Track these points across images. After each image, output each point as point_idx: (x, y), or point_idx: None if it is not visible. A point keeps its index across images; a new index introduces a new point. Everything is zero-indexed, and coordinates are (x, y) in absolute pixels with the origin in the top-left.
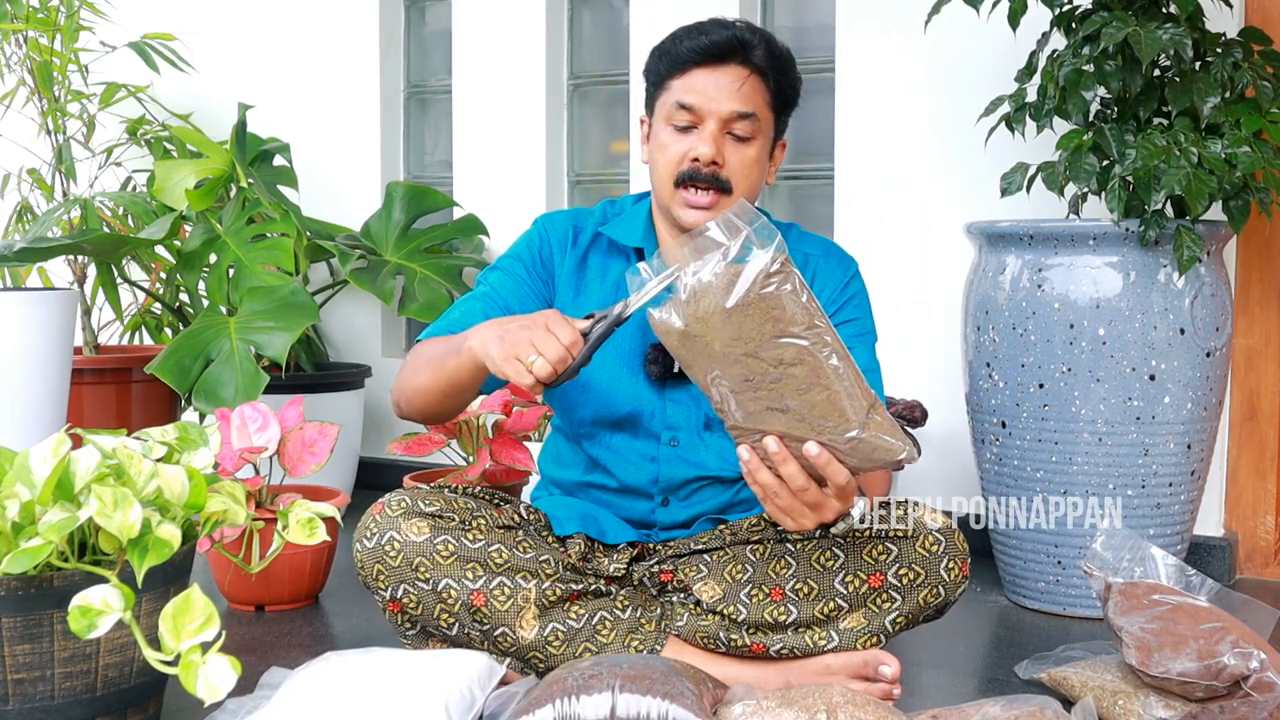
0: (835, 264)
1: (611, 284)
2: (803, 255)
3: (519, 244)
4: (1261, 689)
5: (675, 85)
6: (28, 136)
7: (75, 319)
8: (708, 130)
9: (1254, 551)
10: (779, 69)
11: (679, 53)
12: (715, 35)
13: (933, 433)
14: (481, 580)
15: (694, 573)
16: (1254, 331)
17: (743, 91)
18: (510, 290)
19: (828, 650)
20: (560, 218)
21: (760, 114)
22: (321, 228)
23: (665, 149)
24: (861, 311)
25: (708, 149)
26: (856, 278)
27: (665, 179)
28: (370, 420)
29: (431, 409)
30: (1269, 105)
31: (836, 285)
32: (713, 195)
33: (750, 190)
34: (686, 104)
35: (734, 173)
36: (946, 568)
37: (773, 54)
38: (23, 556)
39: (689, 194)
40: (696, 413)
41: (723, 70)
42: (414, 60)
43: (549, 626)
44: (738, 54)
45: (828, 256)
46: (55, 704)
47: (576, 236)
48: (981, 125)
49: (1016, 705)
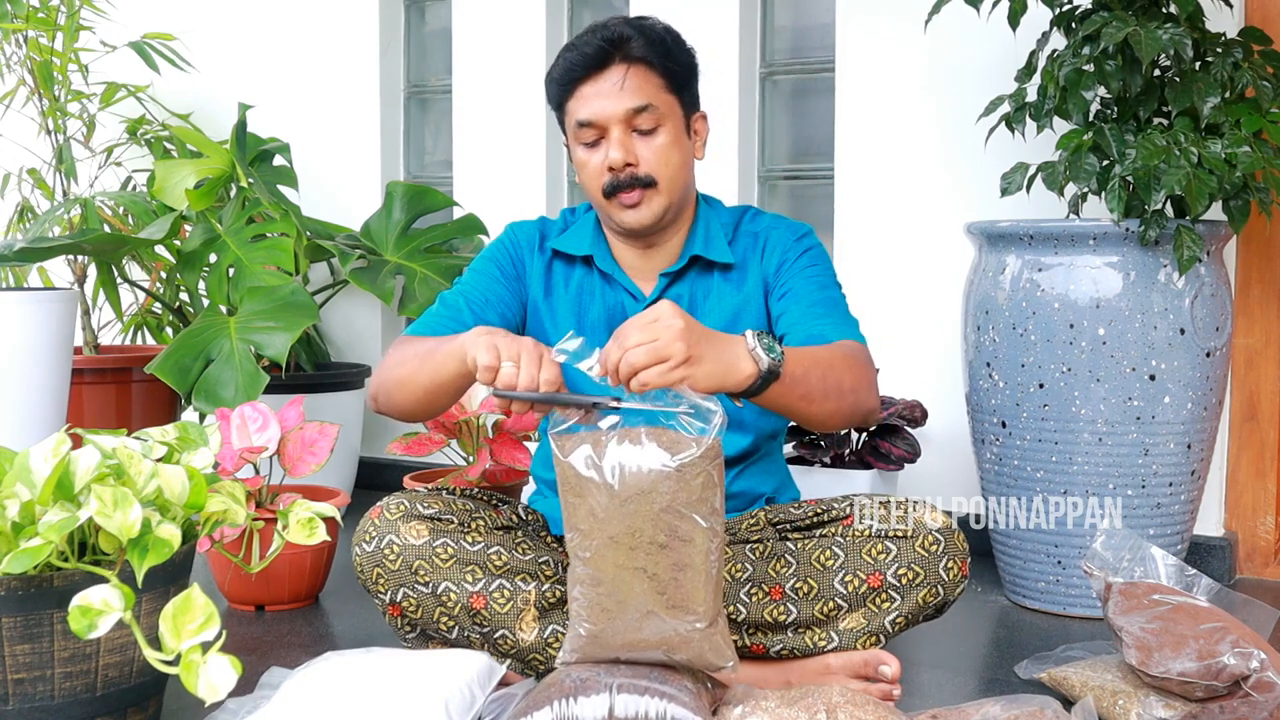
0: (786, 229)
1: (574, 288)
2: (752, 234)
3: (490, 249)
4: (1261, 689)
5: (570, 107)
6: (28, 136)
7: (75, 319)
8: (613, 136)
9: (1254, 551)
10: (661, 52)
11: (561, 74)
12: (586, 46)
13: (933, 433)
14: (481, 583)
15: None
16: (1254, 331)
17: (628, 87)
18: (487, 287)
19: (828, 650)
20: (527, 224)
21: (655, 99)
22: (321, 228)
23: (584, 166)
24: (817, 258)
25: (618, 153)
26: (810, 236)
27: (595, 195)
28: (370, 420)
29: (409, 404)
30: (1269, 105)
31: (787, 244)
32: (638, 192)
33: (676, 176)
34: (584, 120)
35: (651, 166)
36: (946, 567)
37: (650, 40)
38: (23, 556)
39: (620, 198)
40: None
41: (604, 75)
42: (414, 60)
43: (549, 628)
44: (613, 55)
45: (777, 226)
46: (55, 704)
47: (543, 242)
48: (981, 125)
49: (1016, 705)
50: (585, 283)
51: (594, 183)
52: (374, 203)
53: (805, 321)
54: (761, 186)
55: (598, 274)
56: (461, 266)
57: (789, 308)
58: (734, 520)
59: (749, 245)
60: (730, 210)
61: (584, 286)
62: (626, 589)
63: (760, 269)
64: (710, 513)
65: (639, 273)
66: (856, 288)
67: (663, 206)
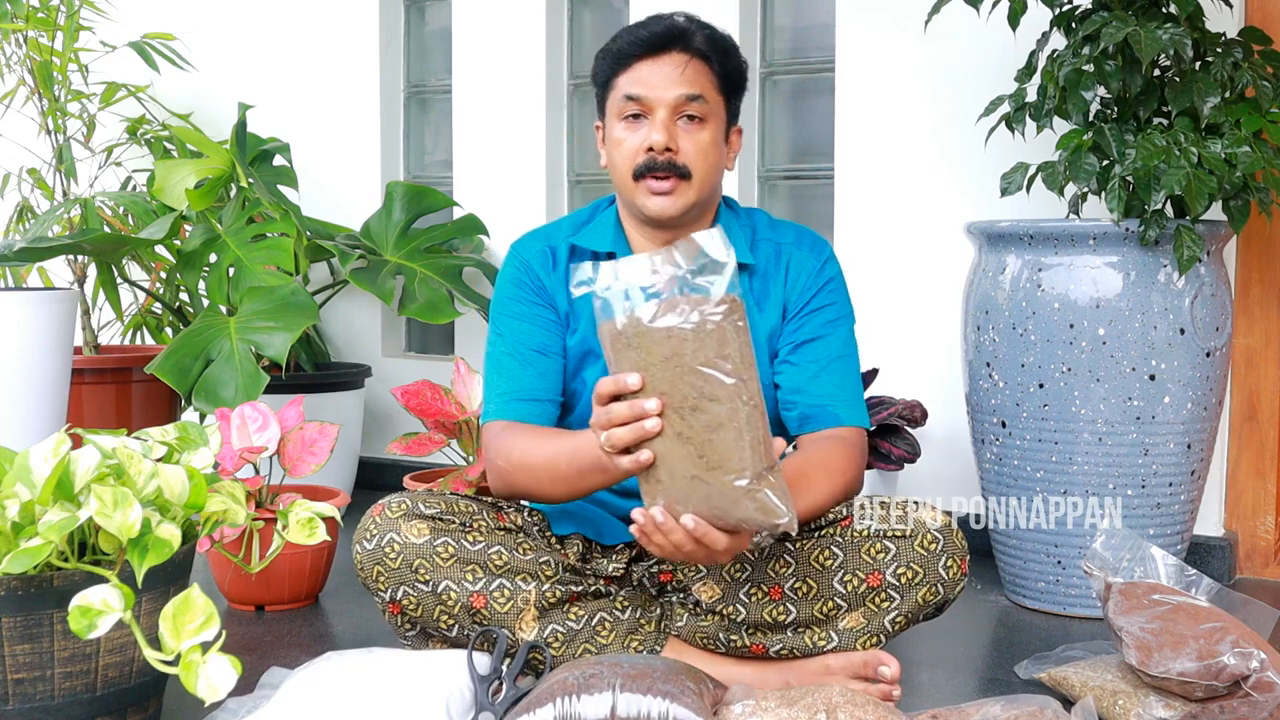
0: (808, 252)
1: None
2: (774, 245)
3: (508, 282)
4: (1261, 689)
5: (621, 81)
6: (28, 136)
7: (75, 319)
8: (658, 118)
9: (1254, 551)
10: (721, 52)
11: (620, 49)
12: (654, 27)
13: (933, 433)
14: (481, 582)
15: (693, 573)
16: (1254, 331)
17: (686, 75)
18: (530, 334)
19: (827, 650)
20: (531, 240)
21: (708, 95)
22: (321, 227)
23: (620, 144)
24: (838, 296)
25: (660, 136)
26: (831, 261)
27: (625, 173)
28: (370, 420)
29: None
30: (1269, 105)
31: (811, 272)
32: (672, 180)
33: (708, 174)
34: (634, 95)
35: (689, 157)
36: (945, 566)
37: (713, 39)
38: (23, 556)
39: (650, 183)
40: None
41: (665, 58)
42: (414, 60)
43: (549, 628)
44: (678, 41)
45: (800, 244)
46: (55, 704)
47: (554, 254)
48: (981, 125)
49: (1016, 705)
50: None
51: (627, 161)
52: (374, 203)
53: (816, 388)
54: (761, 186)
55: None
56: (461, 266)
57: (803, 363)
58: None
59: (770, 257)
60: (746, 213)
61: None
62: (670, 458)
63: (783, 292)
64: (735, 368)
65: None
66: (857, 288)
67: (691, 201)
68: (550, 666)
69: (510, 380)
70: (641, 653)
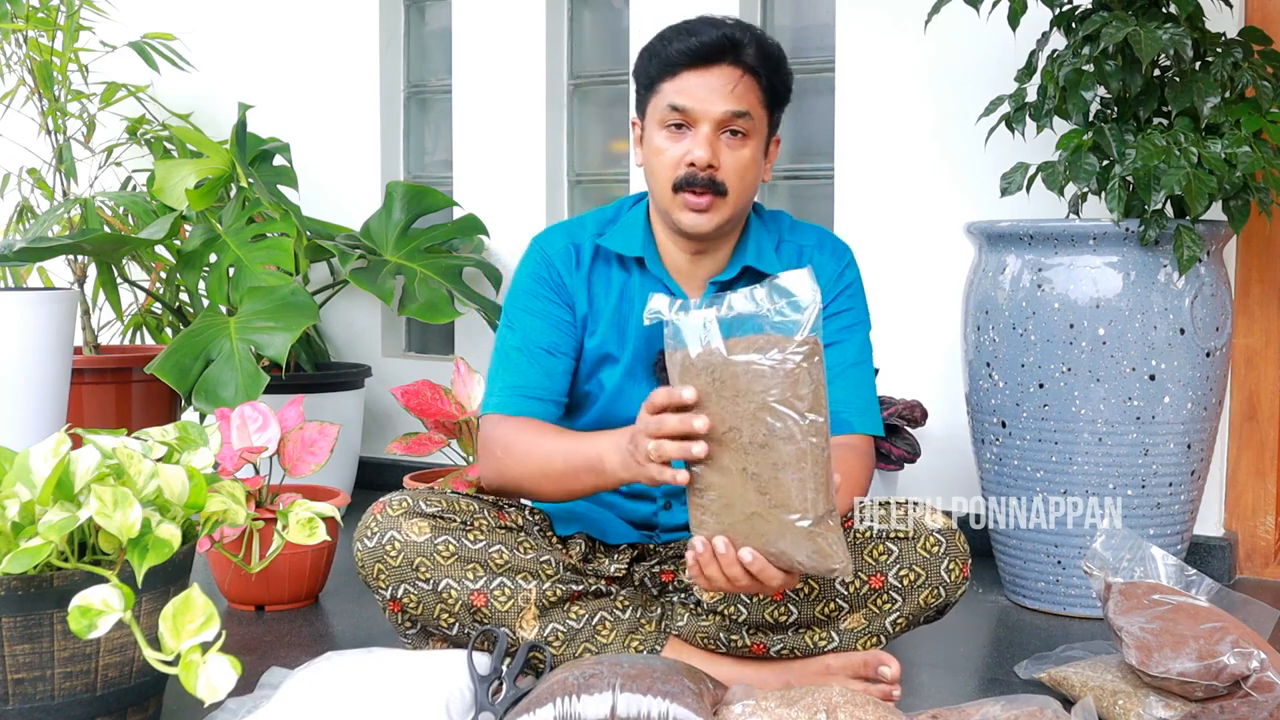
0: (829, 255)
1: (616, 293)
2: (796, 248)
3: (527, 276)
4: (1261, 689)
5: (666, 88)
6: (28, 136)
7: (75, 319)
8: (702, 133)
9: (1254, 551)
10: (771, 67)
11: (669, 55)
12: (705, 35)
13: (933, 433)
14: (482, 581)
15: None
16: (1254, 331)
17: (735, 92)
18: (542, 331)
19: (828, 651)
20: (556, 235)
21: (754, 112)
22: (321, 227)
23: (661, 153)
24: (856, 302)
25: (703, 152)
26: (851, 266)
27: (663, 184)
28: (370, 420)
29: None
30: (1269, 105)
31: (831, 277)
32: (709, 197)
33: (746, 191)
34: (679, 106)
35: (729, 174)
36: (947, 569)
37: (764, 52)
38: (23, 556)
39: (687, 197)
40: None
41: (714, 71)
42: (414, 60)
43: (549, 627)
44: (729, 54)
45: (821, 248)
46: (55, 704)
47: (578, 253)
48: (981, 125)
49: (1016, 705)
50: (627, 287)
51: (667, 172)
52: (374, 203)
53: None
54: (762, 186)
55: (639, 276)
56: (461, 266)
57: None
58: None
59: (793, 260)
60: (771, 216)
61: (625, 292)
62: (732, 492)
63: None
64: (808, 409)
65: (687, 278)
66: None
67: (726, 218)
68: (550, 666)
69: (516, 375)
70: (642, 652)
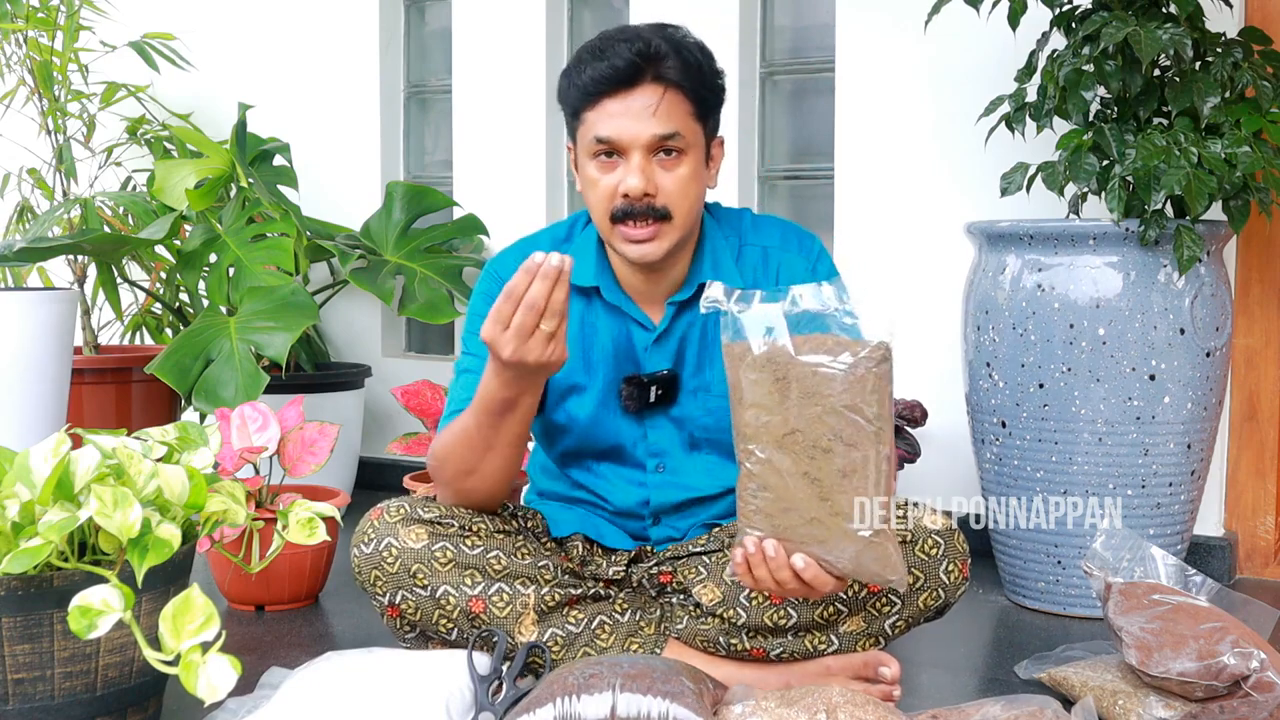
0: (796, 253)
1: (576, 322)
2: (760, 251)
3: (481, 300)
4: (1261, 689)
5: (589, 117)
6: (28, 136)
7: (75, 319)
8: (634, 162)
9: (1254, 551)
10: (695, 76)
11: (584, 83)
12: (618, 57)
13: (933, 433)
14: (480, 587)
15: (693, 575)
16: (1254, 331)
17: (660, 112)
18: None
19: (828, 653)
20: (510, 258)
21: (684, 128)
22: (321, 228)
23: (595, 184)
24: None
25: (637, 181)
26: (822, 257)
27: (601, 216)
28: (370, 420)
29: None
30: (1269, 105)
31: (802, 274)
32: (652, 226)
33: (692, 209)
34: (604, 138)
35: (670, 197)
36: (946, 570)
37: (685, 62)
38: (23, 556)
39: (627, 229)
40: (680, 434)
41: (635, 94)
42: (414, 60)
43: (548, 632)
44: (646, 72)
45: (786, 246)
46: (55, 704)
47: None
48: (981, 125)
49: (1016, 705)
50: (587, 314)
51: (603, 205)
52: (374, 203)
53: None
54: (761, 186)
55: (598, 303)
56: (461, 266)
57: None
58: (732, 525)
59: (758, 264)
60: (729, 218)
61: (586, 318)
62: (791, 495)
63: None
64: (875, 416)
65: (646, 298)
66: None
67: (674, 241)
68: (550, 667)
69: (463, 397)
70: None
